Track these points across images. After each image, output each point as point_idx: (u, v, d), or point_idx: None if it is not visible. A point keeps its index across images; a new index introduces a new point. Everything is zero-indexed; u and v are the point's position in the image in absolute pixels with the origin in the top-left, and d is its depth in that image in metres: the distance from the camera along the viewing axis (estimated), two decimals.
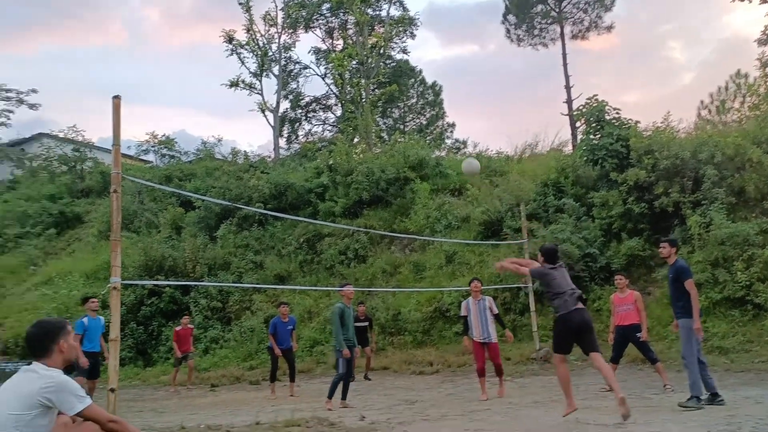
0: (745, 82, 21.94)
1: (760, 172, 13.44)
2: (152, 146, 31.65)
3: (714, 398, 7.16)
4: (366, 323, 13.43)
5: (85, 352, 9.65)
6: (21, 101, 34.66)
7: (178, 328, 14.00)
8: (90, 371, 9.83)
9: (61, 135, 32.03)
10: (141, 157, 32.85)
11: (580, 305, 6.76)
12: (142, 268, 17.89)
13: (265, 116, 31.26)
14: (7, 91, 34.13)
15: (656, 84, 59.30)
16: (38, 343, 3.80)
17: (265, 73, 31.87)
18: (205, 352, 16.22)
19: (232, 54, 31.07)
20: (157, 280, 16.50)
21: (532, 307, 13.05)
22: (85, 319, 10.08)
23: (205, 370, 15.01)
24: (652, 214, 14.04)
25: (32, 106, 35.76)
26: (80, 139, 32.03)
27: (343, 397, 9.03)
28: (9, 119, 35.13)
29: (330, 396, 8.94)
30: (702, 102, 23.80)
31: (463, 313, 9.55)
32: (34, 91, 36.35)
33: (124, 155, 29.33)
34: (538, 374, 11.55)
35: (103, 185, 26.90)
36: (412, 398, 9.63)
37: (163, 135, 31.90)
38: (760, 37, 19.68)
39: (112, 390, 5.75)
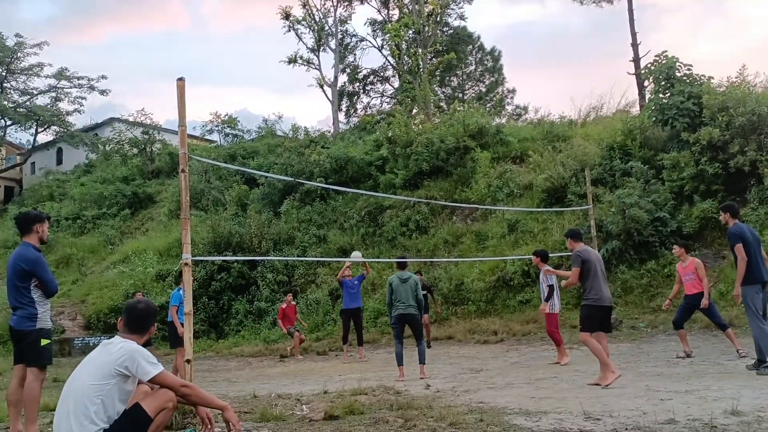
0: None
1: None
2: (216, 126, 32.52)
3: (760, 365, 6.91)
4: (424, 292, 13.25)
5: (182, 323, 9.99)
6: (92, 88, 36.42)
7: (283, 305, 14.43)
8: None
9: (130, 119, 33.34)
10: (206, 137, 33.85)
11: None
12: (210, 245, 18.54)
13: (324, 91, 31.53)
14: (79, 78, 35.91)
15: (731, 37, 55.82)
16: (142, 320, 4.11)
17: (322, 48, 32.02)
18: (273, 325, 16.74)
19: (289, 30, 31.37)
20: (225, 256, 17.08)
21: None
22: (182, 291, 10.30)
23: (274, 341, 15.50)
24: (727, 174, 13.36)
25: (103, 92, 37.66)
26: (148, 122, 33.27)
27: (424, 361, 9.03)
28: (82, 105, 37.02)
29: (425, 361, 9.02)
30: None
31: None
32: (103, 77, 38.30)
33: (190, 136, 30.19)
34: None
35: (171, 166, 27.94)
36: (477, 367, 9.65)
37: (226, 114, 32.74)
38: None
39: (188, 361, 6.03)
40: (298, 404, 6.66)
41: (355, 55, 36.05)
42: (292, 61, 30.95)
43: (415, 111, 26.27)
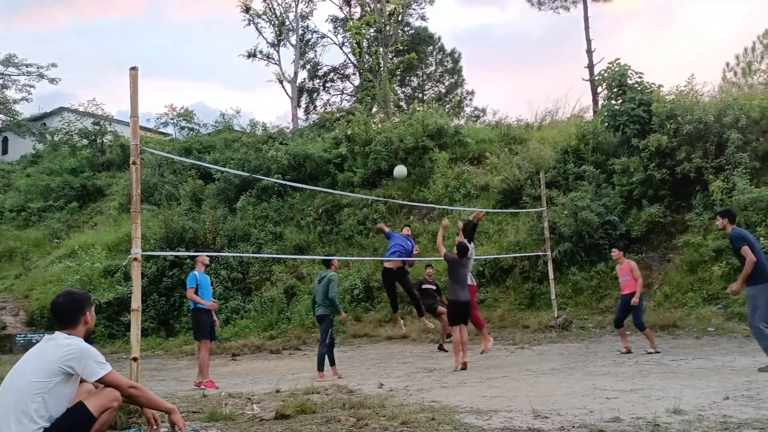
0: None
1: None
2: (171, 119, 31.76)
3: None
4: (434, 286, 12.45)
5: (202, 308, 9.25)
6: (41, 75, 35.14)
7: None
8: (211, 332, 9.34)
9: (81, 109, 32.28)
10: (160, 130, 33.04)
11: None
12: (162, 240, 18.13)
13: (283, 87, 31.23)
14: (28, 66, 34.62)
15: (680, 47, 57.75)
16: (66, 314, 3.91)
17: (282, 43, 31.71)
18: (226, 323, 16.50)
19: (249, 24, 30.93)
20: (177, 251, 16.73)
21: (551, 275, 12.99)
22: (197, 272, 9.59)
23: (227, 340, 15.28)
24: (674, 180, 13.80)
25: (53, 81, 36.32)
26: (100, 112, 32.28)
27: (322, 368, 8.99)
28: (30, 94, 35.66)
29: (323, 368, 8.99)
30: (727, 64, 23.21)
31: None
32: (53, 65, 36.80)
33: (144, 128, 29.51)
34: (555, 342, 11.55)
35: (123, 158, 27.17)
36: (430, 366, 9.71)
37: (182, 107, 32.01)
38: None
39: (135, 359, 5.88)
40: (248, 403, 6.57)
41: (315, 51, 35.85)
42: (251, 55, 30.56)
43: (374, 110, 26.28)
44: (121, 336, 16.20)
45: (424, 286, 11.76)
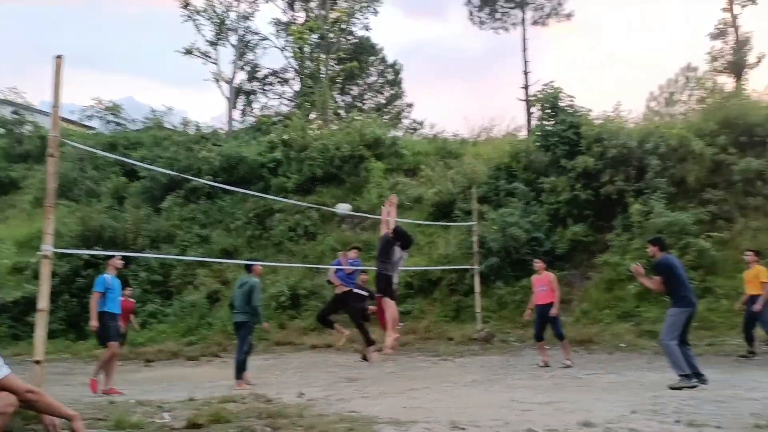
0: (694, 75, 22.61)
1: (701, 164, 13.86)
2: (97, 112, 30.44)
3: (699, 377, 7.33)
4: (366, 293, 11.72)
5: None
6: None
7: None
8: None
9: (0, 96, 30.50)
10: (84, 123, 31.61)
11: None
12: (78, 238, 17.30)
13: (220, 87, 30.52)
14: None
15: (610, 74, 60.43)
16: None
17: (221, 42, 31.02)
18: (142, 327, 15.85)
19: (187, 20, 30.06)
20: (94, 250, 15.97)
21: (477, 288, 13.19)
22: (107, 276, 8.91)
23: (141, 344, 14.67)
24: (597, 201, 14.34)
25: None
26: (20, 101, 30.59)
27: (241, 376, 8.78)
28: None
29: (242, 376, 8.75)
30: (651, 93, 24.47)
31: None
32: None
33: (66, 120, 28.16)
34: (478, 354, 11.69)
35: (42, 150, 25.50)
36: (353, 376, 9.61)
37: (110, 101, 30.75)
38: (713, 31, 20.23)
39: (38, 362, 5.56)
40: (159, 412, 6.28)
41: (255, 53, 35.23)
42: (188, 52, 29.72)
43: (313, 116, 26.09)
44: (27, 337, 15.22)
45: (355, 291, 11.53)
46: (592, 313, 12.75)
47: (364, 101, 38.78)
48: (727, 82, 18.38)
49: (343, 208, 12.17)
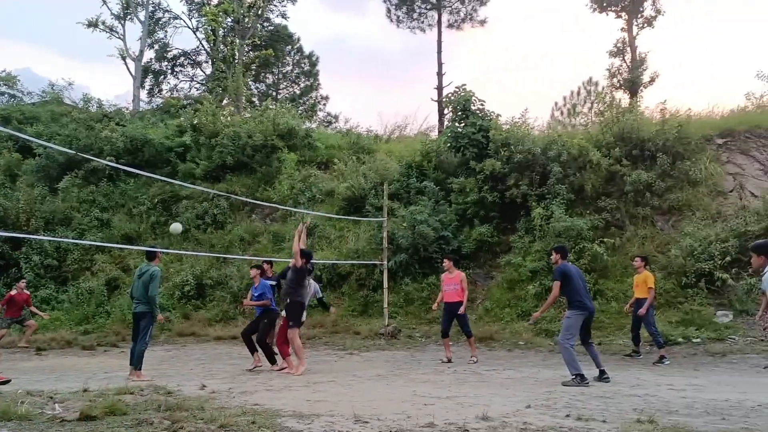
0: (594, 89, 23.96)
1: (598, 173, 14.76)
2: None
3: (601, 375, 7.85)
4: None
5: None
6: None
7: (12, 292, 12.75)
8: None
9: None
10: None
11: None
12: None
13: (126, 64, 29.11)
14: None
15: (520, 82, 62.89)
16: None
17: (129, 17, 29.55)
18: (33, 314, 14.90)
19: None
20: None
21: (386, 284, 13.40)
22: None
23: (35, 332, 13.79)
24: (503, 203, 14.92)
25: None
26: None
27: (141, 367, 8.49)
28: None
29: (141, 366, 8.45)
30: (556, 104, 25.74)
31: None
32: None
33: None
34: (384, 349, 11.90)
35: None
36: (258, 368, 9.51)
37: (4, 71, 28.58)
38: (612, 49, 21.49)
39: None
40: (49, 402, 5.99)
41: (166, 32, 33.86)
42: (92, 24, 28.10)
43: (225, 102, 25.40)
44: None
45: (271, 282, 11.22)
46: (494, 311, 13.30)
47: (278, 91, 38.24)
48: (623, 97, 19.56)
49: (175, 228, 11.90)
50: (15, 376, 8.42)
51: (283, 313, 9.07)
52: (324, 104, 39.32)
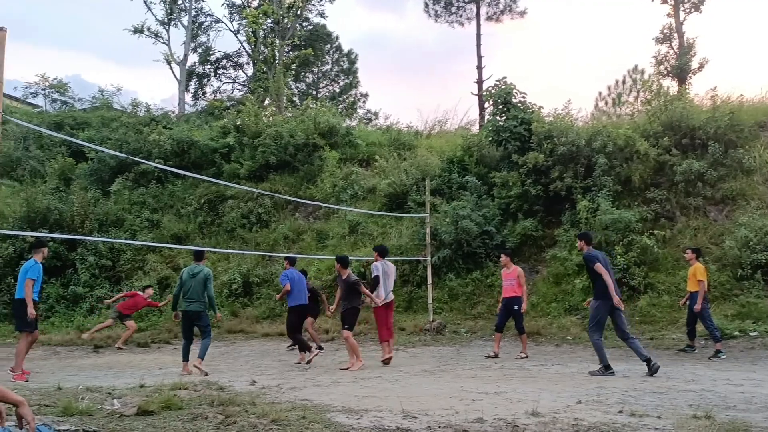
0: (640, 77, 23.35)
1: (646, 164, 14.41)
2: (42, 90, 29.29)
3: (649, 364, 7.76)
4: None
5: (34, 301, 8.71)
6: None
7: (140, 293, 13.53)
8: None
9: None
10: (29, 101, 30.35)
11: None
12: (23, 220, 16.69)
13: (171, 69, 29.80)
14: None
15: (561, 72, 61.85)
16: None
17: (173, 23, 30.24)
18: (90, 312, 15.45)
19: None
20: (39, 233, 15.43)
21: (429, 280, 13.39)
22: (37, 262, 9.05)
23: (89, 330, 14.30)
24: (547, 196, 14.72)
25: None
26: None
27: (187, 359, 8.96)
28: None
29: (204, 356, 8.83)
30: (600, 93, 25.20)
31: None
32: None
33: (9, 96, 27.03)
34: (429, 345, 11.91)
35: None
36: (305, 365, 9.65)
37: (56, 78, 29.60)
38: (658, 35, 20.89)
39: None
40: (108, 398, 6.20)
41: (208, 35, 34.50)
42: (138, 31, 28.86)
43: (266, 102, 25.75)
44: None
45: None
46: (540, 306, 13.15)
47: (318, 89, 38.55)
48: (671, 85, 19.02)
49: None
50: (74, 373, 8.77)
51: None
52: (364, 101, 39.49)
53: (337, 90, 38.82)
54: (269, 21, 28.27)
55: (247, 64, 35.51)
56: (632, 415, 5.29)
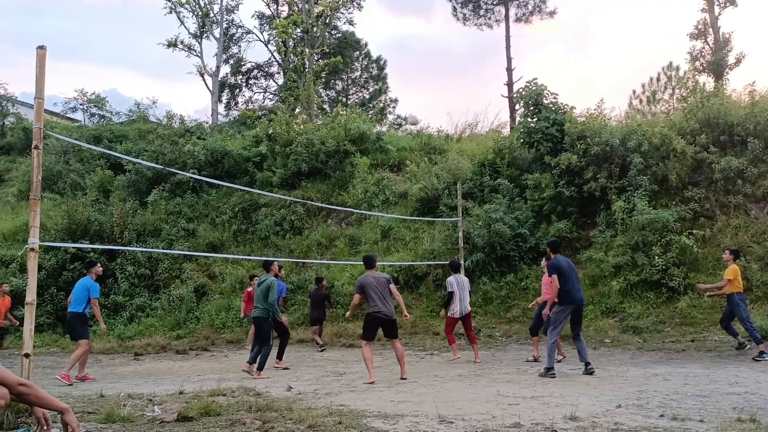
0: (675, 74, 22.87)
1: (683, 162, 14.09)
2: (81, 104, 30.16)
3: (586, 367, 8.25)
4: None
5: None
6: None
7: (249, 289, 13.61)
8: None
9: None
10: (68, 116, 31.30)
11: None
12: (65, 232, 17.16)
13: (204, 80, 30.36)
14: None
15: (593, 72, 61.02)
16: None
17: (205, 35, 30.82)
18: (130, 320, 15.80)
19: (170, 12, 29.85)
20: (80, 244, 15.87)
21: None
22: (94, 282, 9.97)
23: (130, 338, 14.64)
24: (581, 198, 14.51)
25: None
26: (2, 92, 30.15)
27: (263, 368, 9.40)
28: None
29: (262, 368, 9.29)
30: (634, 92, 24.75)
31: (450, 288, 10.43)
32: None
33: (50, 112, 27.89)
34: (464, 349, 11.81)
35: (25, 143, 25.50)
36: (340, 370, 9.71)
37: (93, 93, 30.45)
38: (692, 31, 20.45)
39: (27, 355, 5.59)
40: (149, 405, 6.33)
41: (239, 46, 35.08)
42: (171, 44, 29.49)
43: (297, 110, 26.02)
44: (14, 331, 15.16)
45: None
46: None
47: (348, 96, 38.80)
48: (707, 81, 18.57)
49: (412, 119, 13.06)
50: (115, 380, 8.97)
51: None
52: (393, 107, 39.62)
53: (367, 96, 39.03)
54: (299, 30, 28.58)
55: (278, 73, 36.01)
56: (674, 419, 5.18)
